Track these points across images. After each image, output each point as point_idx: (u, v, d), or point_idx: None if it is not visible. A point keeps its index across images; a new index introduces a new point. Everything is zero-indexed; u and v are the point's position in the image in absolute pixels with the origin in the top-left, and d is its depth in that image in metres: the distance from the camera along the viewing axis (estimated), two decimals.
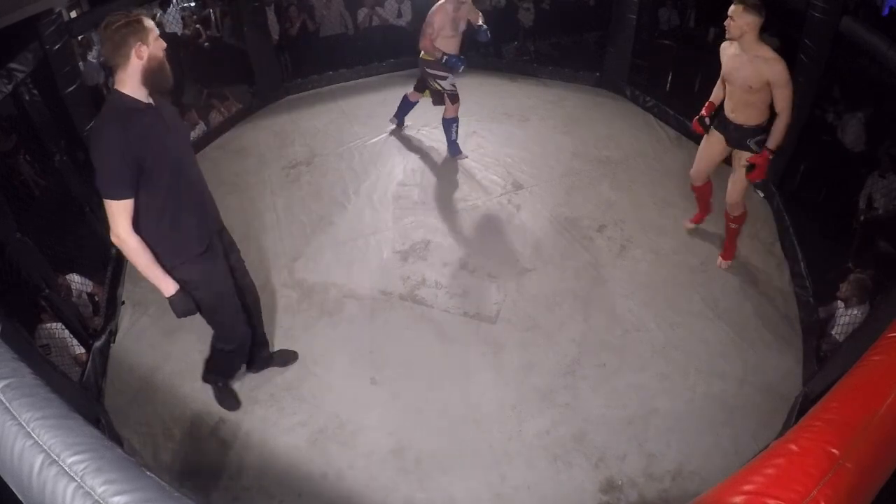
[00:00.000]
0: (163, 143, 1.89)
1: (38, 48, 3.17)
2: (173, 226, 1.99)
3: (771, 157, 2.93)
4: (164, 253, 2.00)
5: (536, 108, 5.12)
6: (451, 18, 3.94)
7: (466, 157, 4.47)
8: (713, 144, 3.18)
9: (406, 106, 4.78)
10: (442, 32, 3.96)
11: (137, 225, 1.91)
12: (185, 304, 2.09)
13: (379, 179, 4.29)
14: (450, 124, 4.35)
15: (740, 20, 2.72)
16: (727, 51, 2.93)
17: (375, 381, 2.92)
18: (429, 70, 4.17)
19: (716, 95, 3.16)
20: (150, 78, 1.83)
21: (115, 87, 1.83)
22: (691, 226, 3.69)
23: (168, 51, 1.90)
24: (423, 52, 4.11)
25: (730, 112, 3.00)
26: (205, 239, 2.13)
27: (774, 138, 2.87)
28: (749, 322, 3.16)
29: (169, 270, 2.02)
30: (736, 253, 3.49)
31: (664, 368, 2.93)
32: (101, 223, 3.61)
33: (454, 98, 4.23)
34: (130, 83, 1.82)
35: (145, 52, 1.79)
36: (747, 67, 2.80)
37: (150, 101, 1.89)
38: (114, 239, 1.94)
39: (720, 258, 3.46)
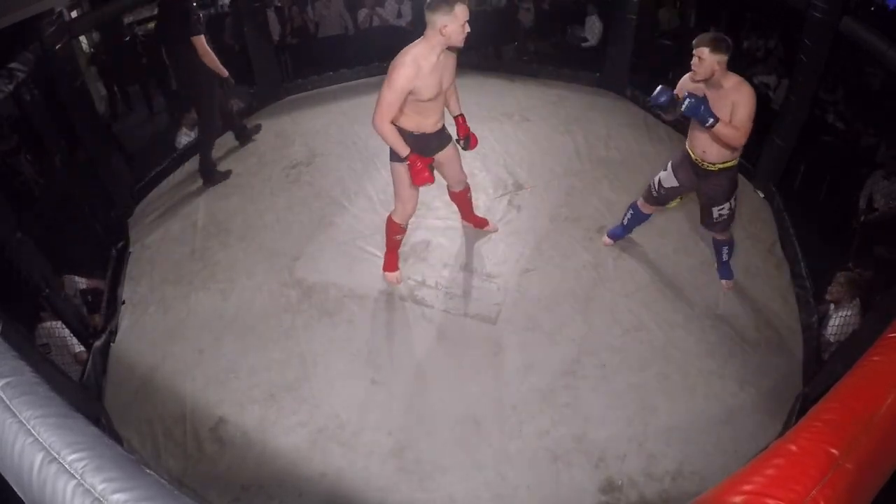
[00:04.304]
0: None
1: (39, 48, 3.17)
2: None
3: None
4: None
5: (536, 109, 5.12)
6: None
7: (731, 285, 3.36)
8: None
9: (637, 219, 3.45)
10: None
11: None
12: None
13: (379, 180, 4.29)
14: (722, 246, 3.29)
15: None
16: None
17: (375, 381, 2.92)
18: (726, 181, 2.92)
19: None
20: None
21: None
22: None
23: None
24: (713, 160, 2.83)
25: None
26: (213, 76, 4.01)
27: None
28: (749, 322, 3.16)
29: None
30: (736, 254, 3.49)
31: (664, 368, 2.93)
32: (101, 223, 3.64)
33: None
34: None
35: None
36: None
37: None
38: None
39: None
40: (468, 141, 3.18)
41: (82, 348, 2.94)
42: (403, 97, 2.64)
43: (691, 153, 2.91)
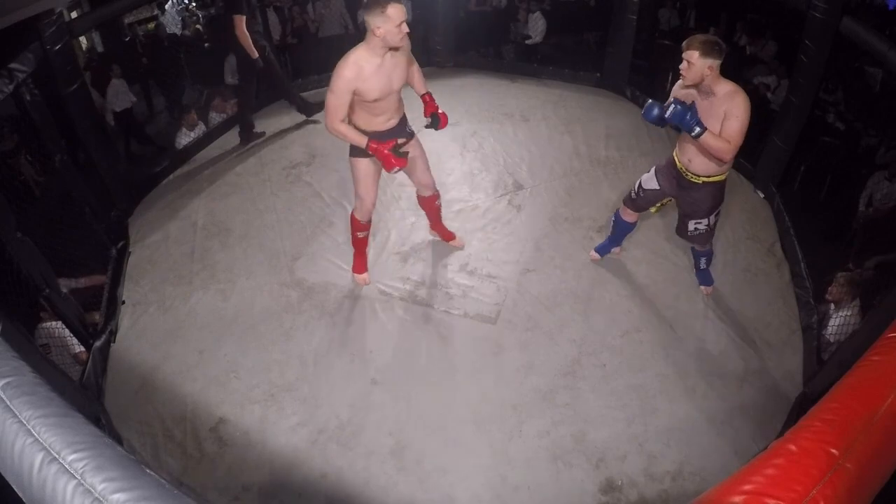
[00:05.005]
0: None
1: (39, 48, 3.17)
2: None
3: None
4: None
5: (537, 109, 5.12)
6: None
7: (710, 291, 3.32)
8: None
9: (621, 228, 3.32)
10: None
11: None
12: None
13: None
14: (700, 255, 3.21)
15: None
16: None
17: (375, 381, 2.92)
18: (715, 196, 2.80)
19: None
20: None
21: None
22: None
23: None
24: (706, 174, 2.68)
25: None
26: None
27: None
28: (749, 322, 3.16)
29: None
30: (736, 254, 3.50)
31: (664, 368, 2.93)
32: (101, 223, 3.64)
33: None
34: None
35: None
36: None
37: None
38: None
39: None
40: (436, 119, 2.94)
41: (82, 348, 2.94)
42: (348, 98, 2.60)
43: (677, 160, 2.76)
